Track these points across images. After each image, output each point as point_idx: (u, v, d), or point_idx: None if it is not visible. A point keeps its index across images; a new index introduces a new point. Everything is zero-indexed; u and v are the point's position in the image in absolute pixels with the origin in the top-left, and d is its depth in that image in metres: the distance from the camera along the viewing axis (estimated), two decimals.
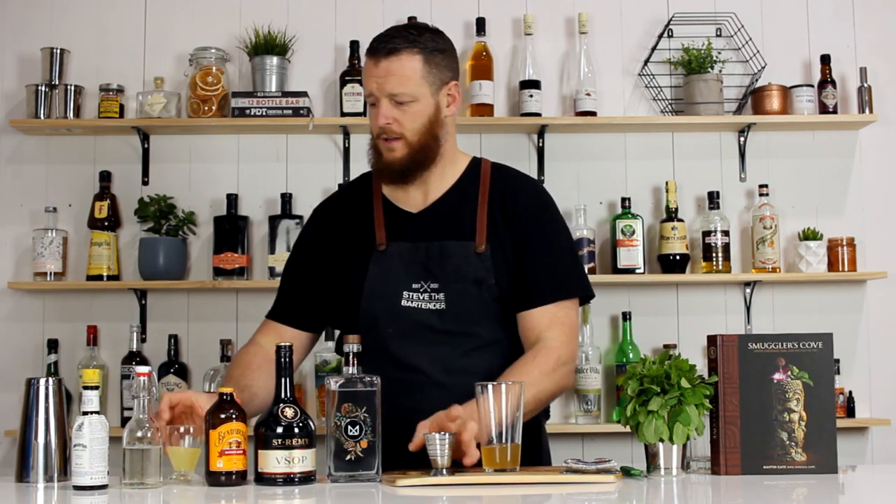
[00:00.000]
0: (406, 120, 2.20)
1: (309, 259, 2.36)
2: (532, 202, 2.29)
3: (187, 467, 1.97)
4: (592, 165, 3.80)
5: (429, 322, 2.20)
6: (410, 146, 2.22)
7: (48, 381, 2.05)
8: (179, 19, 3.82)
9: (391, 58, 2.19)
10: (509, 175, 2.35)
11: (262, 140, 3.78)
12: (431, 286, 2.21)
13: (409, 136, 2.21)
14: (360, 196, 2.37)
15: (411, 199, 2.30)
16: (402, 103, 2.19)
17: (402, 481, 1.89)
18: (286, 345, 1.98)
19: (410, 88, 2.19)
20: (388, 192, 2.33)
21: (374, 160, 2.27)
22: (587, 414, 3.61)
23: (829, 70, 3.76)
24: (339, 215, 2.36)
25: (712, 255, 3.66)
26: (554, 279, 2.25)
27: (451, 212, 2.28)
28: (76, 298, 3.71)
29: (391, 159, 2.22)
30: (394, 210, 2.31)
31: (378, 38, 2.24)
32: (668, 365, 2.00)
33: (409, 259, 2.23)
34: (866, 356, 3.76)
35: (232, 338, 3.66)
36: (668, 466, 2.00)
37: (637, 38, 3.86)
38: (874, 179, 3.82)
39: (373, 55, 2.22)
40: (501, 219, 2.26)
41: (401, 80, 2.19)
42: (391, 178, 2.26)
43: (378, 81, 2.20)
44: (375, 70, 2.20)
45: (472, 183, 2.31)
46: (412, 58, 2.20)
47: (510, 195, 2.28)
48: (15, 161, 3.76)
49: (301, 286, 2.35)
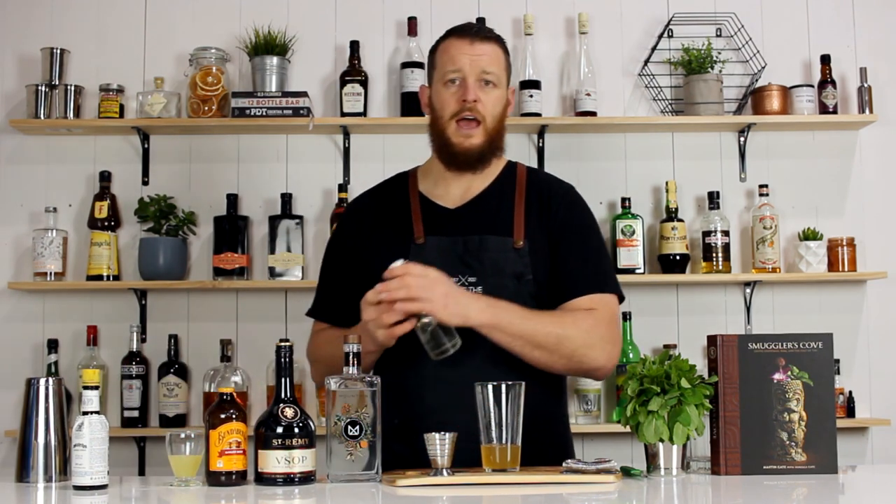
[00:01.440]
0: (489, 102, 2.25)
1: (346, 255, 2.35)
2: (566, 202, 2.33)
3: (189, 474, 1.96)
4: (592, 165, 3.80)
5: None
6: (487, 132, 2.26)
7: (48, 381, 2.05)
8: (179, 19, 3.82)
9: (485, 41, 2.27)
10: (544, 177, 2.40)
11: (262, 140, 3.78)
12: (469, 279, 2.21)
13: (489, 120, 2.25)
14: (395, 193, 2.37)
15: (449, 196, 2.32)
16: (488, 84, 2.24)
17: (401, 481, 1.89)
18: (286, 345, 1.99)
19: (498, 71, 2.27)
20: (425, 189, 2.35)
21: (444, 146, 2.27)
22: (587, 414, 3.61)
23: (829, 70, 3.76)
24: (374, 211, 2.36)
25: (712, 255, 3.66)
26: (593, 272, 2.27)
27: (489, 209, 2.29)
28: (76, 298, 3.71)
29: (469, 145, 2.25)
30: (431, 206, 2.32)
31: (463, 26, 2.33)
32: (668, 365, 2.01)
33: (447, 253, 2.23)
34: (866, 356, 3.76)
35: (232, 338, 3.66)
36: (668, 466, 2.00)
37: (637, 38, 3.86)
38: (874, 179, 3.82)
39: (465, 35, 2.27)
40: (538, 219, 2.28)
41: (492, 60, 2.26)
42: (466, 163, 2.27)
43: (472, 58, 2.24)
44: (470, 48, 2.25)
45: (507, 183, 2.33)
46: (498, 47, 2.30)
47: (545, 196, 2.31)
48: (15, 161, 3.76)
49: (341, 283, 2.34)
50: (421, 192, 2.34)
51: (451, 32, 2.31)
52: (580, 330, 2.18)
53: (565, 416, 2.37)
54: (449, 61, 2.26)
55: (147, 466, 3.63)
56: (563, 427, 2.35)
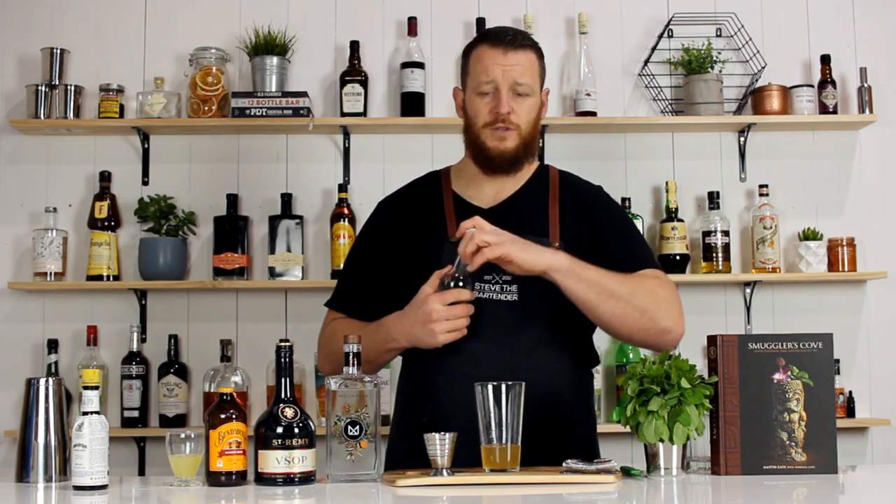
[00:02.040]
0: (522, 112, 2.25)
1: (376, 251, 2.35)
2: (599, 200, 2.34)
3: (189, 474, 1.96)
4: (592, 165, 3.78)
5: (498, 312, 2.20)
6: (522, 138, 2.26)
7: (48, 381, 2.06)
8: (179, 19, 3.82)
9: (518, 50, 2.25)
10: (576, 180, 2.41)
11: (262, 140, 3.78)
12: (504, 278, 2.20)
13: (523, 127, 2.26)
14: (428, 192, 2.38)
15: (483, 196, 2.32)
16: (520, 95, 2.24)
17: (401, 481, 1.89)
18: (286, 345, 1.99)
19: (531, 80, 2.26)
20: (458, 188, 2.35)
21: (480, 150, 2.28)
22: None
23: (829, 70, 3.76)
24: (407, 209, 2.37)
25: (712, 255, 3.66)
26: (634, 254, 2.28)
27: (523, 209, 2.30)
28: (76, 298, 3.71)
29: (504, 148, 2.25)
30: (465, 205, 2.32)
31: (497, 32, 2.29)
32: (668, 365, 2.01)
33: None
34: (866, 356, 3.76)
35: (232, 338, 3.66)
36: (668, 466, 2.00)
37: (637, 38, 3.86)
38: (874, 179, 3.82)
39: (498, 44, 2.25)
40: (572, 220, 2.28)
41: (525, 70, 2.25)
42: (501, 166, 2.28)
43: (504, 69, 2.23)
44: (503, 58, 2.24)
45: (540, 185, 2.34)
46: (533, 54, 2.29)
47: (579, 198, 2.33)
48: (15, 161, 3.76)
49: (367, 278, 2.34)
50: (454, 191, 2.35)
51: (485, 38, 2.29)
52: (649, 289, 2.18)
53: (593, 418, 2.37)
54: (482, 72, 2.25)
55: (147, 466, 3.63)
56: (589, 429, 2.34)
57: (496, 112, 2.23)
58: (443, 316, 2.10)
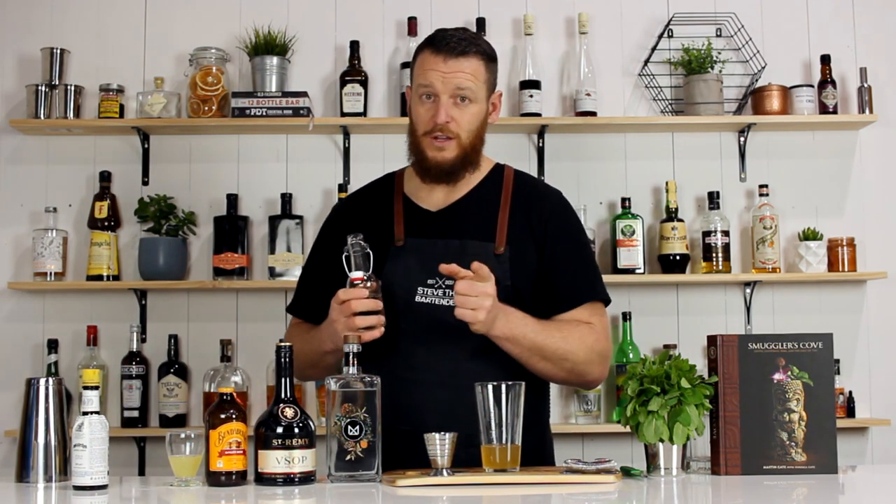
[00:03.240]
0: (463, 120, 2.23)
1: (327, 255, 2.35)
2: (556, 210, 2.32)
3: (189, 474, 1.96)
4: (592, 165, 3.80)
5: (442, 319, 2.19)
6: (462, 147, 2.24)
7: (48, 381, 2.06)
8: (179, 19, 3.82)
9: (460, 58, 2.22)
10: (532, 182, 2.39)
11: (262, 140, 3.78)
12: (447, 282, 2.19)
13: (464, 136, 2.24)
14: (381, 195, 2.37)
15: (433, 199, 2.31)
16: (463, 100, 2.22)
17: (401, 481, 1.89)
18: (286, 345, 1.99)
19: (475, 86, 2.23)
20: (409, 190, 2.34)
21: (418, 158, 2.28)
22: (587, 414, 3.61)
23: (829, 70, 3.76)
24: (360, 213, 2.37)
25: (712, 255, 3.66)
26: (585, 283, 2.29)
27: (471, 212, 2.29)
28: (76, 298, 3.71)
29: (441, 159, 2.24)
30: (414, 208, 2.31)
31: (442, 37, 2.25)
32: (668, 365, 2.01)
33: (426, 255, 2.23)
34: (866, 356, 3.76)
35: (232, 338, 3.66)
36: (668, 466, 2.00)
37: (637, 38, 3.86)
38: (874, 179, 3.82)
39: (440, 51, 2.22)
40: (524, 225, 2.26)
41: (466, 78, 2.22)
42: (438, 176, 2.27)
43: (444, 77, 2.21)
44: (443, 66, 2.21)
45: (493, 187, 2.32)
46: (478, 60, 2.24)
47: (535, 202, 2.30)
48: (15, 161, 3.76)
49: (320, 282, 2.34)
50: (405, 193, 2.34)
51: (429, 44, 2.26)
52: (584, 346, 2.21)
53: (545, 416, 2.36)
54: (422, 76, 2.24)
55: (147, 466, 3.63)
56: (543, 428, 2.33)
57: (434, 121, 2.22)
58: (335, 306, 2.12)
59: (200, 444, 1.95)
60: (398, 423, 2.10)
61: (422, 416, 2.10)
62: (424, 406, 2.13)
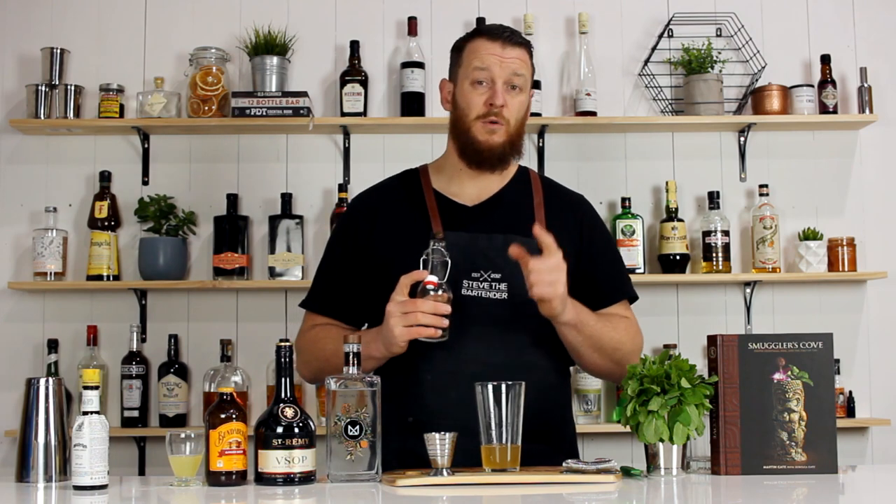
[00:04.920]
0: (514, 107, 2.26)
1: (353, 251, 2.32)
2: (589, 212, 2.40)
3: (189, 474, 1.96)
4: (592, 165, 3.80)
5: (490, 312, 2.19)
6: (510, 135, 2.26)
7: (48, 381, 2.06)
8: (179, 19, 3.82)
9: (515, 46, 2.26)
10: (559, 187, 2.44)
11: (262, 140, 3.78)
12: (492, 276, 2.20)
13: (512, 123, 2.26)
14: (406, 190, 2.36)
15: (465, 194, 2.31)
16: (514, 88, 2.25)
17: (401, 481, 1.89)
18: (286, 345, 1.99)
19: (526, 76, 2.27)
20: (439, 185, 2.34)
21: (467, 143, 2.27)
22: (587, 414, 3.62)
23: (829, 70, 3.76)
24: (385, 207, 2.34)
25: (712, 255, 3.66)
26: (619, 281, 2.36)
27: (508, 209, 2.30)
28: (76, 298, 3.71)
29: (494, 142, 2.25)
30: (447, 202, 2.31)
31: (495, 28, 2.30)
32: (668, 365, 2.00)
33: (469, 248, 2.22)
34: (866, 356, 3.76)
35: (232, 338, 3.66)
36: (668, 466, 2.00)
37: (637, 38, 3.86)
38: (874, 179, 3.82)
39: (496, 38, 2.26)
40: (559, 226, 2.26)
41: (521, 65, 2.26)
42: (488, 161, 2.27)
43: (503, 62, 2.24)
44: (502, 51, 2.24)
45: (521, 186, 2.35)
46: (526, 52, 2.30)
47: (567, 205, 2.36)
48: (15, 161, 3.76)
49: (345, 278, 2.32)
50: (435, 188, 2.34)
51: (482, 33, 2.29)
52: (630, 338, 2.29)
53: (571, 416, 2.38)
54: (478, 61, 2.25)
55: (147, 466, 3.63)
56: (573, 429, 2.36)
57: (490, 104, 2.22)
58: (396, 312, 2.06)
59: (200, 444, 1.95)
60: (446, 419, 2.06)
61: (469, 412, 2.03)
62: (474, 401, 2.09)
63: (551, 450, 2.13)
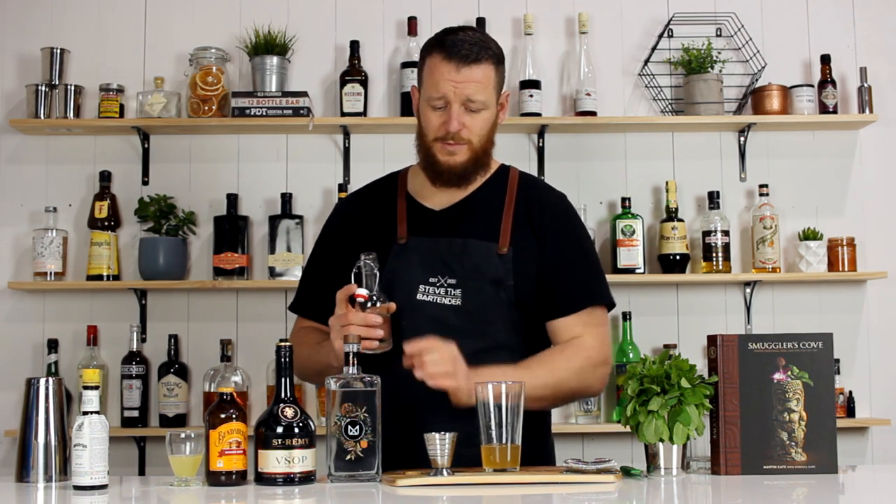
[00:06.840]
0: (475, 126, 2.21)
1: (331, 254, 2.35)
2: (559, 212, 2.32)
3: (189, 474, 1.96)
4: (592, 165, 3.80)
5: (443, 318, 2.19)
6: (474, 151, 2.23)
7: (48, 381, 2.06)
8: (179, 19, 3.82)
9: (473, 66, 2.19)
10: (536, 184, 2.39)
11: (262, 140, 3.78)
12: (448, 281, 2.20)
13: (475, 141, 2.22)
14: (384, 194, 2.37)
15: (437, 198, 2.31)
16: (474, 111, 2.20)
17: (401, 481, 1.89)
18: (286, 345, 1.99)
19: (486, 96, 2.21)
20: (413, 189, 2.34)
21: (429, 162, 2.26)
22: (587, 414, 3.61)
23: (829, 70, 3.76)
24: (362, 211, 2.36)
25: (712, 255, 3.66)
26: (585, 287, 2.28)
27: (476, 212, 2.28)
28: (76, 298, 3.71)
29: (453, 163, 2.23)
30: (417, 207, 2.31)
31: (453, 42, 2.20)
32: (668, 365, 2.00)
33: (428, 253, 2.23)
34: (866, 356, 3.76)
35: (232, 338, 3.66)
36: (668, 466, 2.00)
37: (637, 38, 3.86)
38: (874, 179, 3.82)
39: (451, 59, 2.19)
40: (527, 226, 2.26)
41: (479, 87, 2.19)
42: (450, 180, 2.26)
43: (456, 86, 2.18)
44: (456, 75, 2.18)
45: (498, 187, 2.32)
46: (489, 65, 2.21)
47: (537, 204, 2.30)
48: (15, 161, 3.76)
49: (325, 281, 2.32)
50: (409, 192, 2.34)
51: (440, 48, 2.21)
52: (573, 371, 2.21)
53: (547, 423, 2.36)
54: (433, 86, 2.20)
55: (147, 466, 3.63)
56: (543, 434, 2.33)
57: (446, 128, 2.20)
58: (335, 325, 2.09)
59: (200, 444, 1.95)
60: (400, 423, 2.10)
61: (423, 415, 2.10)
62: (426, 405, 2.12)
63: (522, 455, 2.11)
